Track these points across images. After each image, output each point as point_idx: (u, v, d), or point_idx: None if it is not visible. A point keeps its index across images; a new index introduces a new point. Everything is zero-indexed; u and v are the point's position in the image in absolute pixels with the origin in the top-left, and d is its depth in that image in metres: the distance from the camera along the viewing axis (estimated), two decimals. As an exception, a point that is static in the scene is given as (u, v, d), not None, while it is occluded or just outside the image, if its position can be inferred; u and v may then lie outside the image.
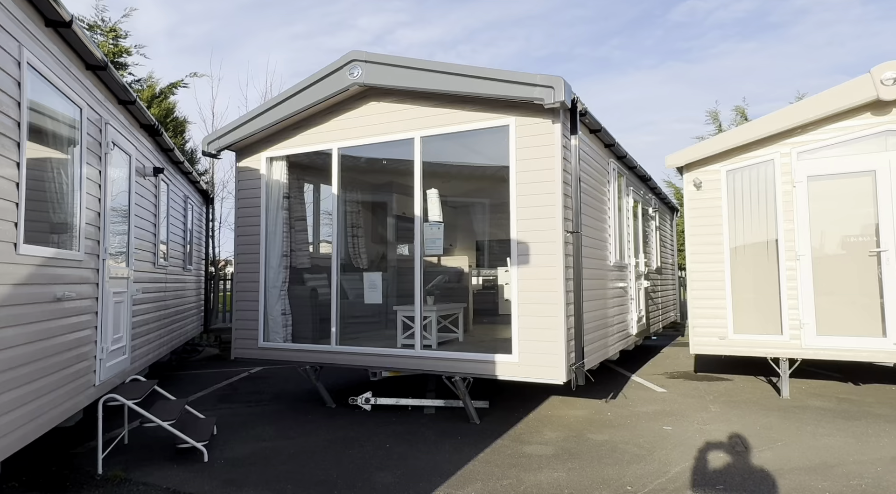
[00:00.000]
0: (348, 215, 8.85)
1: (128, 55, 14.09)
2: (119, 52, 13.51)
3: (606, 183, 7.25)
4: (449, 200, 10.78)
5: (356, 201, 8.90)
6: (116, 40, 13.47)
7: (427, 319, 6.50)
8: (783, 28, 49.38)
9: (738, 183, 7.17)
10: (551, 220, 5.32)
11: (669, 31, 56.66)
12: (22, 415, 3.53)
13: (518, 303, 5.42)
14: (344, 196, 8.99)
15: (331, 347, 6.29)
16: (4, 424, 3.31)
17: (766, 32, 49.69)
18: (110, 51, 13.25)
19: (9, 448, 3.35)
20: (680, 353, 11.18)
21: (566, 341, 5.24)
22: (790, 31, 48.91)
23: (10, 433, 3.38)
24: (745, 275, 7.10)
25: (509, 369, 5.41)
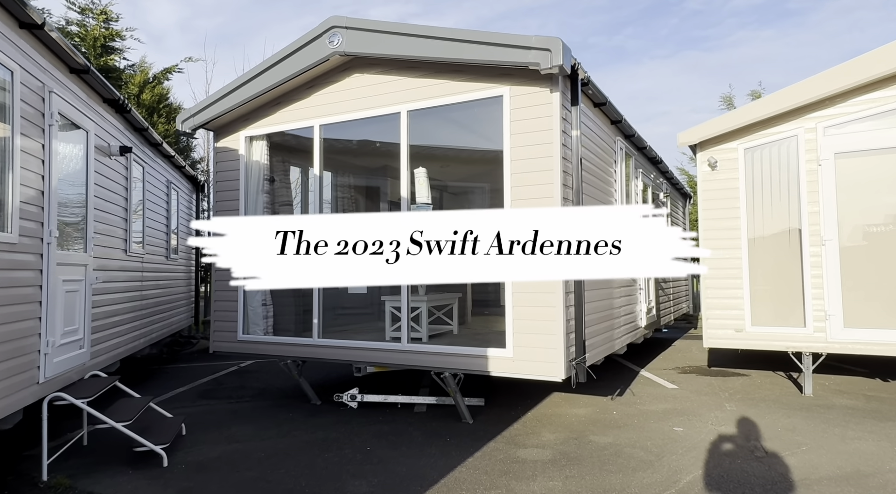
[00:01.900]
0: (339, 200, 8.37)
1: (121, 39, 13.68)
2: (110, 35, 13.09)
3: (613, 163, 6.69)
4: (449, 185, 10.26)
5: (348, 185, 8.42)
6: (108, 23, 13.05)
7: (417, 310, 6.02)
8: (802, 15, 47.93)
9: (758, 162, 6.58)
10: (549, 199, 4.79)
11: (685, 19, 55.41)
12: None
13: (512, 292, 4.92)
14: (335, 181, 8.52)
15: (313, 340, 5.83)
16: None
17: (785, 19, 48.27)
18: (101, 34, 12.84)
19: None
20: (692, 346, 10.62)
21: (565, 333, 4.74)
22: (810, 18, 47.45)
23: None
24: (765, 262, 6.52)
25: (502, 364, 4.92)
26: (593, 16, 59.58)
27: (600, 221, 5.04)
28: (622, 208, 6.72)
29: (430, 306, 6.50)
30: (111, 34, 13.04)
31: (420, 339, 5.96)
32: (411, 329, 5.89)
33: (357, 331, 6.71)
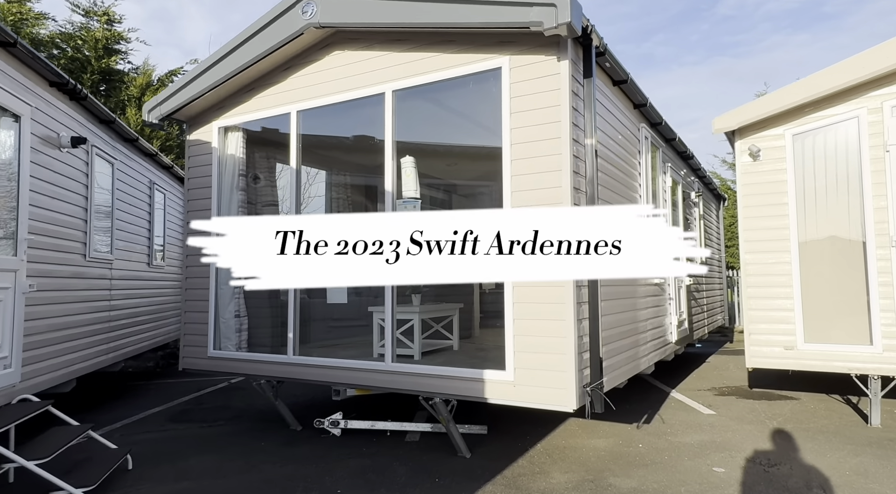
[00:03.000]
0: (335, 200, 7.65)
1: (126, 42, 13.33)
2: (113, 37, 12.73)
3: (637, 154, 5.81)
4: (458, 185, 9.47)
5: (344, 184, 7.70)
6: (110, 24, 12.70)
7: (408, 323, 5.22)
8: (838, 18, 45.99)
9: (809, 150, 5.61)
10: (556, 191, 3.96)
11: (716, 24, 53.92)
12: None
13: (513, 302, 4.08)
14: (330, 180, 7.81)
15: (287, 358, 5.07)
16: None
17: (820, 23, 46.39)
18: (104, 35, 12.48)
19: None
20: (729, 363, 9.55)
21: (577, 353, 3.87)
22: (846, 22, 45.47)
23: None
24: (820, 268, 5.54)
25: (501, 390, 4.07)
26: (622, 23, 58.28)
27: (620, 223, 4.18)
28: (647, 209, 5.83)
29: (427, 318, 5.69)
30: (114, 36, 12.68)
31: (412, 356, 5.15)
32: (402, 346, 5.09)
33: (348, 346, 5.94)
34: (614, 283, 4.72)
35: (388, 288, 4.61)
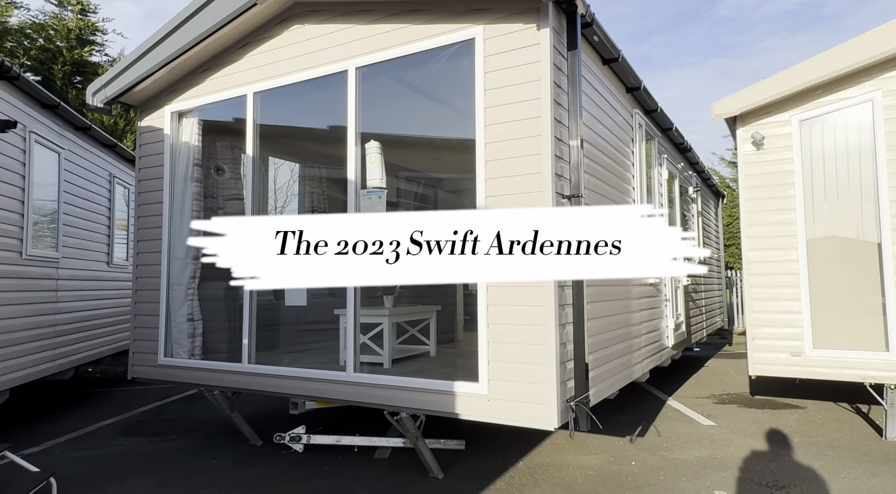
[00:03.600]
0: (309, 195, 7.15)
1: (102, 34, 12.80)
2: (87, 27, 12.20)
3: (630, 142, 5.33)
4: (444, 180, 8.98)
5: (319, 177, 7.20)
6: (84, 14, 12.18)
7: (378, 327, 4.74)
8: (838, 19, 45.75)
9: (818, 137, 5.14)
10: (536, 177, 3.47)
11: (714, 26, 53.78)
12: None
13: (487, 305, 3.59)
14: (303, 173, 7.31)
15: (242, 366, 4.57)
16: None
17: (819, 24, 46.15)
18: (77, 25, 11.96)
19: None
20: (729, 367, 9.08)
21: (559, 363, 3.38)
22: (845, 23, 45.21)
23: None
24: (830, 266, 5.06)
25: (474, 404, 3.57)
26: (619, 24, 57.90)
27: (609, 217, 3.68)
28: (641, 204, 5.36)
29: (401, 321, 5.20)
30: (87, 26, 12.16)
31: (382, 364, 4.67)
32: (372, 352, 4.60)
33: (319, 351, 5.45)
34: (603, 283, 4.23)
35: (349, 289, 4.12)
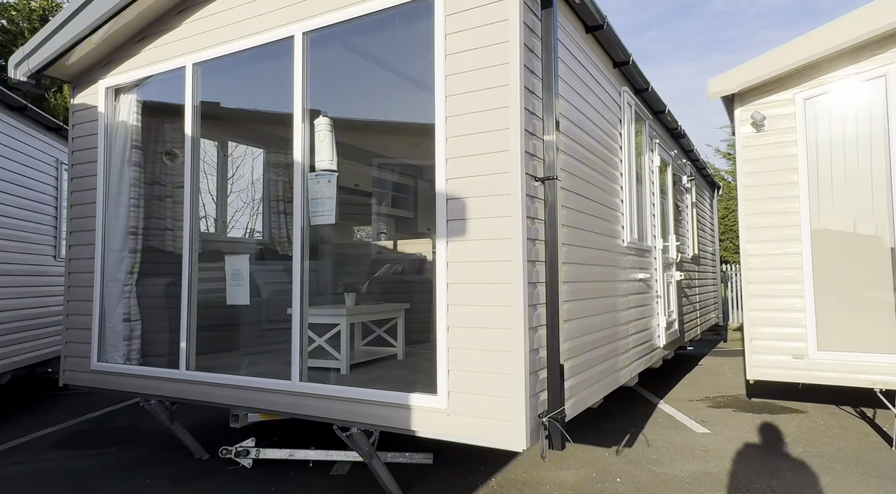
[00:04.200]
0: (273, 184, 6.63)
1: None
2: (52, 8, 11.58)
3: (618, 123, 4.83)
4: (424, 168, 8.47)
5: (284, 164, 6.68)
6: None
7: (335, 328, 4.24)
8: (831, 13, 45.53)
9: (824, 117, 4.65)
10: (503, 157, 2.96)
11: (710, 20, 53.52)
12: None
13: (448, 305, 3.09)
14: (267, 159, 6.78)
15: (179, 373, 4.06)
16: None
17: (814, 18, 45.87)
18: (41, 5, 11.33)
19: None
20: (724, 366, 8.64)
21: (528, 373, 2.89)
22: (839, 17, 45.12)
23: None
24: (837, 260, 4.59)
25: (432, 420, 3.08)
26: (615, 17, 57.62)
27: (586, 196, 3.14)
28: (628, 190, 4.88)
29: (366, 321, 4.71)
30: (52, 6, 11.53)
31: (339, 370, 4.18)
32: (329, 356, 4.10)
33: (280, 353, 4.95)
34: (584, 279, 3.74)
35: (295, 282, 3.61)
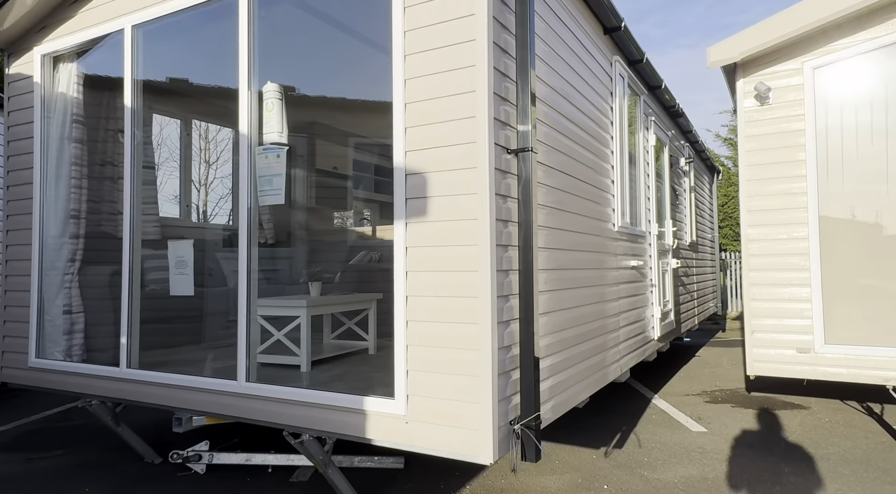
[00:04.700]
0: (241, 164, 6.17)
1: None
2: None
3: (609, 96, 4.41)
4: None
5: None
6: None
7: (295, 321, 3.85)
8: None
9: (835, 89, 4.23)
10: (469, 124, 2.55)
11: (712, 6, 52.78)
12: None
13: (406, 295, 2.70)
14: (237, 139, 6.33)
15: (119, 371, 3.67)
16: None
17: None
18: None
19: None
20: (722, 357, 8.29)
21: (496, 374, 2.50)
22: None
23: None
24: (847, 246, 4.19)
25: (389, 427, 2.70)
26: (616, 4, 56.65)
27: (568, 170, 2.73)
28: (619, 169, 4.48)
29: (334, 312, 4.32)
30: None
31: (300, 367, 3.79)
32: (289, 352, 3.72)
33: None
34: (567, 266, 3.34)
35: (241, 270, 3.21)
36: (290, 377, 3.59)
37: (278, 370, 3.79)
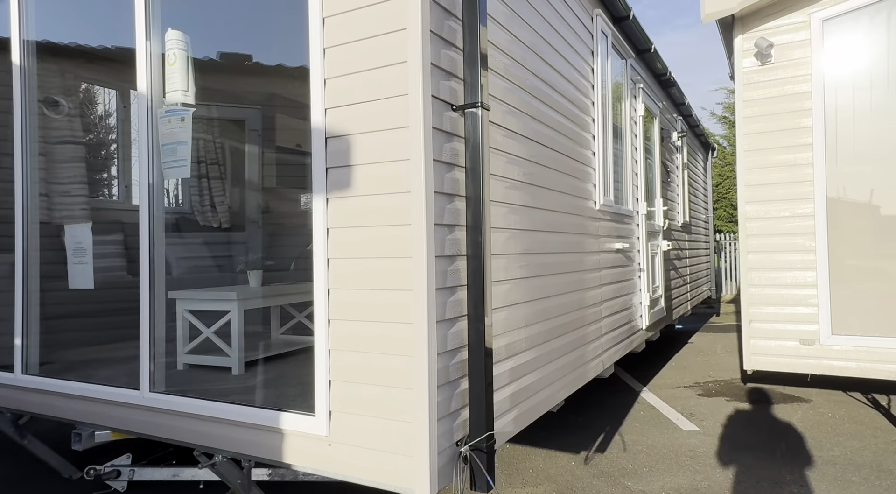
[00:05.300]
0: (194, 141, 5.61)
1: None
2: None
3: (589, 56, 3.86)
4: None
5: (210, 118, 5.66)
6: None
7: (226, 315, 3.34)
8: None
9: (847, 44, 3.69)
10: (399, 70, 2.01)
11: (709, -19, 52.18)
12: None
13: (328, 288, 2.18)
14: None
15: (14, 378, 3.15)
16: None
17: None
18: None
19: None
20: (716, 343, 7.85)
21: (434, 385, 1.99)
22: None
23: None
24: (858, 224, 3.69)
25: (309, 450, 2.20)
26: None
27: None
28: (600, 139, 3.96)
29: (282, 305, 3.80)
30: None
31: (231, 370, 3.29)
32: (219, 352, 3.21)
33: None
34: (534, 250, 2.83)
35: (143, 258, 2.67)
36: (222, 380, 3.09)
37: (209, 373, 3.29)
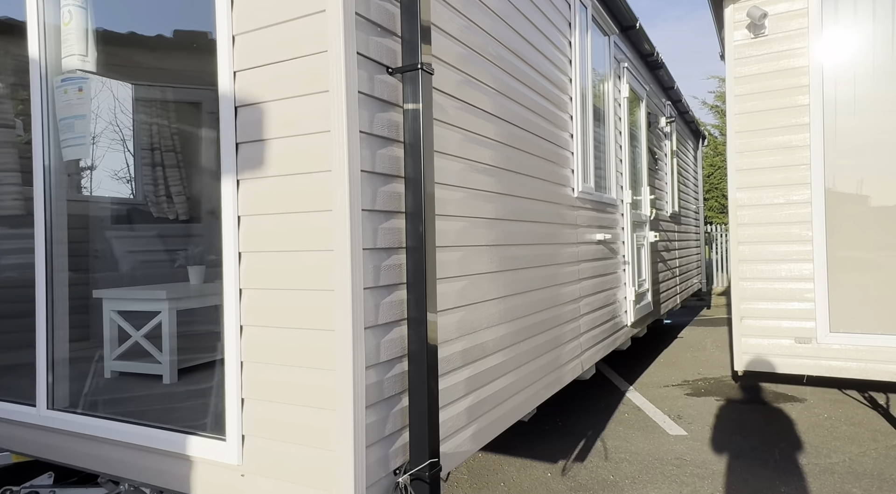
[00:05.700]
0: (144, 128, 5.22)
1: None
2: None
3: (567, 27, 3.50)
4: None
5: (158, 100, 5.25)
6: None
7: (155, 316, 2.97)
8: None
9: (848, 14, 3.35)
10: (317, 20, 1.65)
11: (700, -25, 51.82)
12: None
13: (240, 288, 1.82)
14: (135, 94, 5.35)
15: None
16: None
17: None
18: None
19: None
20: (706, 338, 7.56)
21: (361, 406, 1.64)
22: None
23: None
24: (860, 212, 3.37)
25: (219, 482, 1.85)
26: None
27: None
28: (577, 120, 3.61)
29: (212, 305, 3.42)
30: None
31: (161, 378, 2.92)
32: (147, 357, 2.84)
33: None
34: (495, 241, 2.48)
35: (39, 253, 2.30)
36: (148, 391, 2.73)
37: (138, 383, 2.93)
